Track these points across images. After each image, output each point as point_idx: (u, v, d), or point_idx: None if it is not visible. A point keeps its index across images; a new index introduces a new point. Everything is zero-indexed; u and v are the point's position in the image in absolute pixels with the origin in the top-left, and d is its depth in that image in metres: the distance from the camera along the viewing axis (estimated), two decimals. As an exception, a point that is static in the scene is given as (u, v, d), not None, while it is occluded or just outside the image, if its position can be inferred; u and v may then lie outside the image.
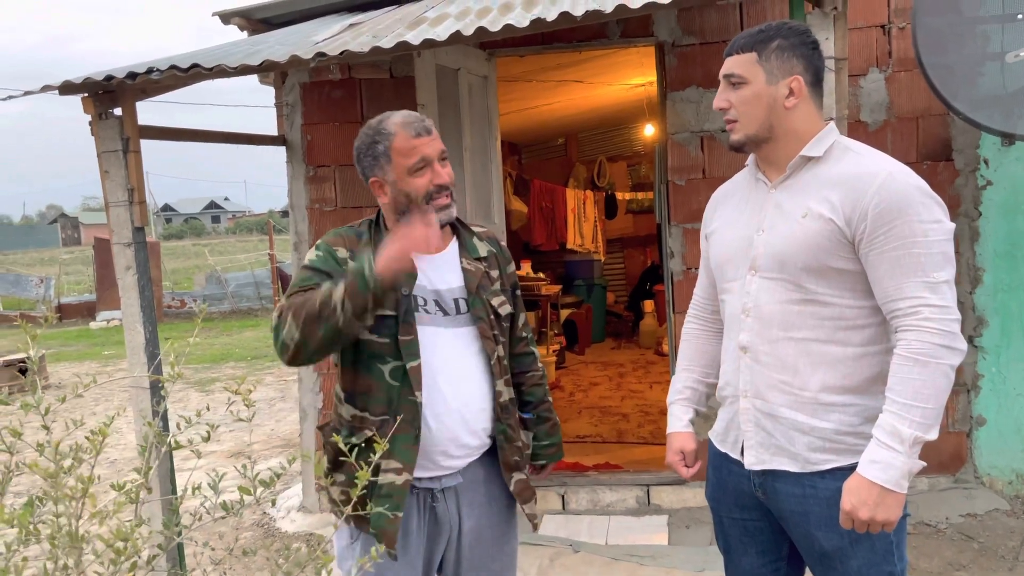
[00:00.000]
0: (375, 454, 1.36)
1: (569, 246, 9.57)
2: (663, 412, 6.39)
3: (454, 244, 2.07)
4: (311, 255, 1.95)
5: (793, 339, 1.75)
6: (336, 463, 1.98)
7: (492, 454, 2.06)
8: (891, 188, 1.64)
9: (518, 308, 2.19)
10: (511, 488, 2.06)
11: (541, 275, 8.07)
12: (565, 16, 2.60)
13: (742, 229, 1.85)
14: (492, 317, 2.02)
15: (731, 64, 1.78)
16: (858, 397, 1.73)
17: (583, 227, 9.95)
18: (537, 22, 2.66)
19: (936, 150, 4.00)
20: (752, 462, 1.84)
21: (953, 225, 1.66)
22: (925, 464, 1.63)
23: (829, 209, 1.69)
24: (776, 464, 1.80)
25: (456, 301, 2.01)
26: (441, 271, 2.03)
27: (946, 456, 4.07)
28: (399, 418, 1.86)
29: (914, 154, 3.97)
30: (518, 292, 2.20)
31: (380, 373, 1.92)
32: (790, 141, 1.77)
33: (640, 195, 10.47)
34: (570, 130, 10.14)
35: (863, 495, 1.60)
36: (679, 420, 2.06)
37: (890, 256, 1.63)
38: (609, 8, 2.58)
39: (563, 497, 4.25)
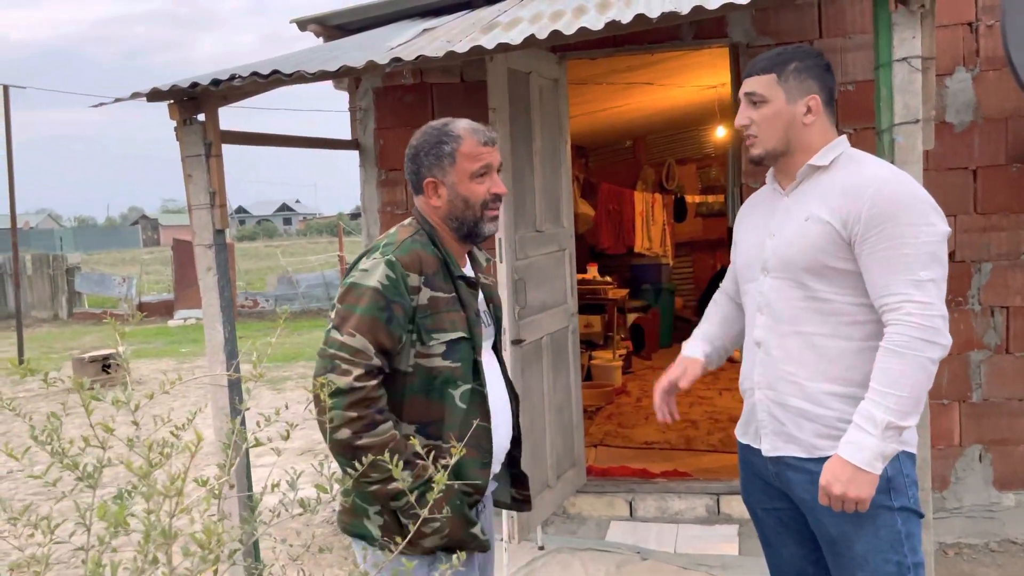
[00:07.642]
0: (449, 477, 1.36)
1: (637, 250, 9.48)
2: (733, 419, 6.22)
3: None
4: (382, 275, 1.81)
5: (800, 333, 1.88)
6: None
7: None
8: (884, 193, 1.77)
9: None
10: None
11: (608, 279, 8.00)
12: (640, 18, 2.57)
13: (759, 234, 2.01)
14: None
15: (752, 84, 1.93)
16: (859, 389, 1.81)
17: (651, 231, 9.84)
18: (612, 25, 2.63)
19: (1027, 152, 3.82)
20: (767, 449, 1.97)
21: (947, 229, 1.77)
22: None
23: (828, 213, 1.82)
24: (787, 451, 1.92)
25: (485, 314, 2.04)
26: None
27: (1035, 472, 3.89)
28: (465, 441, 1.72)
29: (1003, 156, 3.81)
30: None
31: (451, 398, 1.86)
32: (804, 154, 1.91)
33: (710, 198, 10.30)
34: (638, 132, 10.05)
35: (837, 472, 1.74)
36: (692, 347, 2.19)
37: (880, 256, 1.75)
38: (686, 9, 2.54)
39: (631, 504, 4.21)
